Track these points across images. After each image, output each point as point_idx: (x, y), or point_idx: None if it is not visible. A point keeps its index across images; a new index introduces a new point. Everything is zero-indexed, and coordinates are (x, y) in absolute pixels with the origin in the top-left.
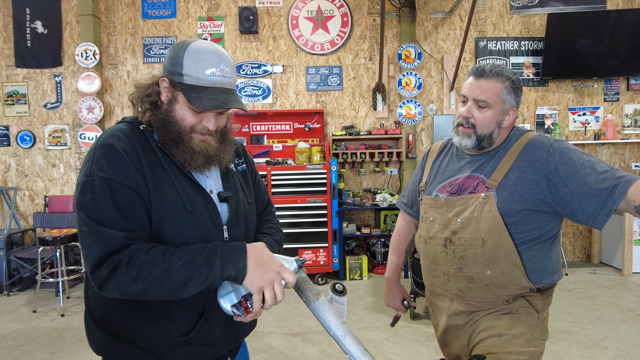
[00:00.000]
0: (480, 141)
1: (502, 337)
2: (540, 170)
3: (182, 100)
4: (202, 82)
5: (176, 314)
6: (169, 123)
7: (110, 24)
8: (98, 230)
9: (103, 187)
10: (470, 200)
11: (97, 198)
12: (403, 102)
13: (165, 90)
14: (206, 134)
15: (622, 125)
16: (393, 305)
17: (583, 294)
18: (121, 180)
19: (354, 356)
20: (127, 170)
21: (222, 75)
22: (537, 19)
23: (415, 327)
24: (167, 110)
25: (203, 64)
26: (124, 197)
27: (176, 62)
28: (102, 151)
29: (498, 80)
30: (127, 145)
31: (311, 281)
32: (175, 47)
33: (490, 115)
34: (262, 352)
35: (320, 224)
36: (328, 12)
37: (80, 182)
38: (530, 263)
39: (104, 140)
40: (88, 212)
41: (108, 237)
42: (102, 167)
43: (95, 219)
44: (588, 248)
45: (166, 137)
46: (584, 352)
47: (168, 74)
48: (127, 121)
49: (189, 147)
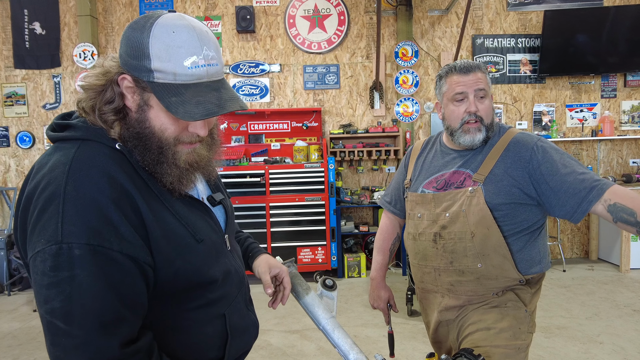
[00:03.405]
0: (488, 131)
1: (490, 331)
2: (524, 167)
3: (158, 104)
4: (181, 79)
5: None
6: (144, 137)
7: (108, 25)
8: (81, 334)
9: (86, 261)
10: (458, 195)
11: (78, 277)
12: (400, 100)
13: (129, 91)
14: (195, 142)
15: (619, 121)
16: (378, 306)
17: (580, 290)
18: (112, 246)
19: (342, 349)
20: (118, 227)
21: (207, 65)
22: (534, 16)
23: (413, 324)
24: (138, 120)
25: (179, 52)
26: (119, 273)
27: (139, 52)
28: (79, 203)
29: (481, 71)
30: (115, 187)
31: (302, 277)
32: (132, 29)
33: (489, 103)
34: (260, 350)
35: (319, 222)
36: (325, 10)
37: (45, 251)
38: (519, 254)
39: (76, 184)
40: (64, 299)
41: (96, 348)
42: (80, 229)
43: (75, 313)
44: (586, 244)
45: (146, 156)
46: (580, 348)
47: (129, 69)
48: (93, 139)
49: (174, 166)
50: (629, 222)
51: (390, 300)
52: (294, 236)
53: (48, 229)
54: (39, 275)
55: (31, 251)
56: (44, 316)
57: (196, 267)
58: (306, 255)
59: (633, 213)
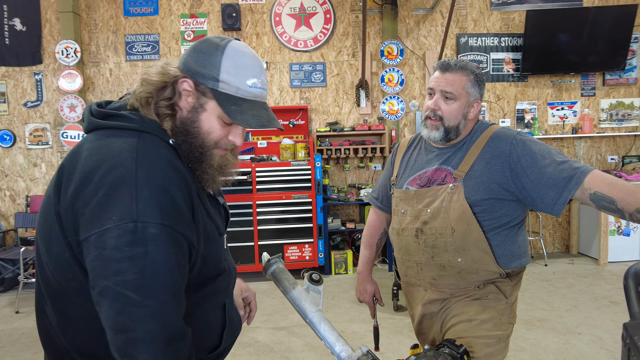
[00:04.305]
0: (448, 133)
1: (472, 322)
2: (504, 161)
3: (212, 109)
4: (241, 94)
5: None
6: (191, 135)
7: (91, 21)
8: (151, 302)
9: (161, 240)
10: (439, 191)
11: (153, 256)
12: (386, 99)
13: (186, 93)
14: (227, 149)
15: (598, 119)
16: (364, 299)
17: (561, 284)
18: (180, 229)
19: (329, 341)
20: (183, 214)
21: (262, 88)
22: (517, 16)
23: (399, 319)
24: (189, 118)
25: (245, 72)
26: (182, 255)
27: (210, 64)
28: (152, 188)
29: (463, 73)
30: (180, 178)
31: (288, 272)
32: (206, 45)
33: (457, 107)
34: (248, 347)
35: (306, 220)
36: (311, 9)
37: (119, 228)
38: (499, 249)
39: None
40: (138, 272)
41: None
42: (155, 210)
43: (147, 285)
44: (567, 239)
45: (190, 153)
46: (560, 339)
47: (194, 76)
48: (151, 132)
49: (210, 166)
50: (611, 210)
51: (376, 294)
52: (281, 234)
53: (121, 208)
54: (110, 249)
55: (97, 228)
56: (111, 287)
57: (217, 258)
58: (293, 252)
59: (613, 201)
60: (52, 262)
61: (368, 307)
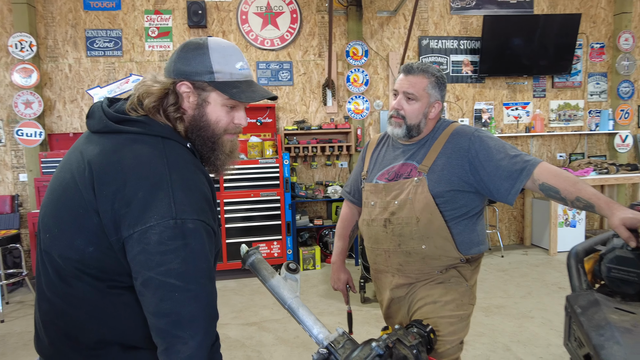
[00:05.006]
0: (410, 130)
1: (437, 304)
2: (463, 156)
3: (215, 100)
4: (236, 77)
5: None
6: (202, 128)
7: (48, 14)
8: (194, 288)
9: (198, 233)
10: (405, 184)
11: (192, 247)
12: (352, 98)
13: (186, 95)
14: (234, 133)
15: (548, 119)
16: (338, 287)
17: (516, 273)
18: (210, 223)
19: (307, 325)
20: (211, 209)
21: (248, 69)
22: (475, 20)
23: (366, 310)
24: (196, 115)
25: (232, 59)
26: (212, 243)
27: (200, 62)
28: (185, 189)
29: (424, 76)
30: (204, 179)
31: (266, 262)
32: (189, 47)
33: (418, 107)
34: None
35: (274, 217)
36: (277, 8)
37: (161, 225)
38: (459, 236)
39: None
40: (181, 262)
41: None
42: (191, 208)
43: (189, 272)
44: (521, 232)
45: (201, 142)
46: (515, 323)
47: (188, 77)
48: (172, 138)
49: (222, 152)
50: (556, 198)
51: (349, 282)
52: (249, 232)
53: (160, 208)
54: (153, 244)
55: (140, 225)
56: (155, 277)
57: (219, 249)
58: (262, 250)
59: (557, 191)
60: (75, 253)
61: (342, 295)
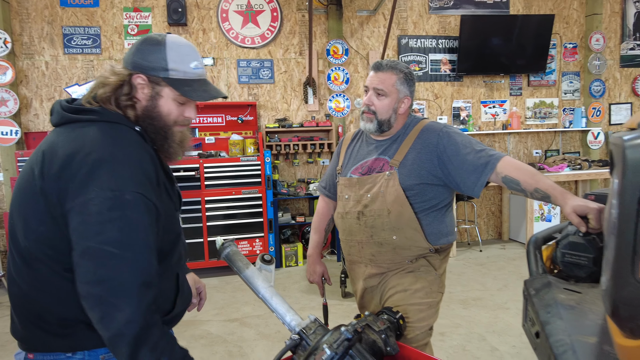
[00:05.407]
0: (381, 125)
1: (407, 292)
2: (432, 151)
3: (168, 95)
4: (189, 76)
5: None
6: (154, 118)
7: (22, 10)
8: (129, 254)
9: (136, 204)
10: (377, 178)
11: (130, 217)
12: (332, 96)
13: (141, 87)
14: (184, 125)
15: (525, 116)
16: (314, 280)
17: (493, 267)
18: (150, 197)
19: (280, 313)
20: (152, 184)
21: (202, 67)
22: (453, 20)
23: (347, 304)
24: (149, 106)
25: (187, 58)
26: (152, 218)
27: (157, 58)
28: (126, 163)
29: (393, 72)
30: (147, 157)
31: (242, 254)
32: (147, 43)
33: (388, 102)
34: (201, 339)
35: (256, 215)
36: (258, 6)
37: (101, 197)
38: (429, 227)
39: (123, 150)
40: (118, 231)
41: (139, 263)
42: (131, 181)
43: (125, 241)
44: (499, 227)
45: (153, 131)
46: (491, 314)
47: (144, 70)
48: (121, 122)
49: (172, 141)
50: (517, 190)
51: (325, 274)
52: (231, 229)
53: (101, 181)
54: (93, 215)
55: (80, 197)
56: (93, 246)
57: (175, 231)
58: (244, 247)
59: (518, 183)
60: (31, 235)
61: (318, 287)
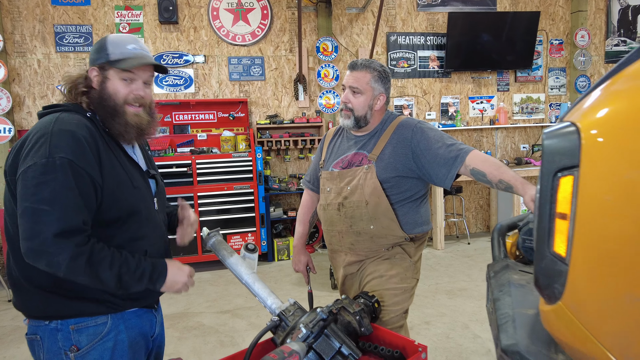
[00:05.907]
0: (358, 121)
1: (383, 278)
2: (407, 145)
3: (113, 76)
4: (126, 54)
5: None
6: (103, 99)
7: (14, 9)
8: (58, 210)
9: (65, 168)
10: (356, 172)
11: (60, 179)
12: (323, 93)
13: (95, 77)
14: (138, 105)
15: (512, 112)
16: (299, 269)
17: (480, 259)
18: (81, 164)
19: (262, 297)
20: (85, 154)
21: (142, 50)
22: (440, 17)
23: (336, 295)
24: (100, 90)
25: (123, 42)
26: (83, 182)
27: (100, 50)
28: (61, 136)
29: (367, 71)
30: (86, 132)
31: (226, 243)
32: (96, 44)
33: (363, 100)
34: (193, 330)
35: (248, 210)
36: (248, 4)
37: (37, 163)
38: (404, 217)
39: (60, 127)
40: (51, 191)
41: (68, 217)
42: (62, 149)
43: (55, 199)
44: (487, 220)
45: (104, 112)
46: (475, 304)
47: (94, 62)
48: (71, 109)
49: (123, 120)
50: (484, 181)
51: (309, 263)
52: (223, 224)
53: (39, 151)
54: (29, 179)
55: (23, 167)
56: (29, 206)
57: (130, 202)
58: (236, 242)
59: (484, 174)
60: (8, 215)
61: (302, 275)
